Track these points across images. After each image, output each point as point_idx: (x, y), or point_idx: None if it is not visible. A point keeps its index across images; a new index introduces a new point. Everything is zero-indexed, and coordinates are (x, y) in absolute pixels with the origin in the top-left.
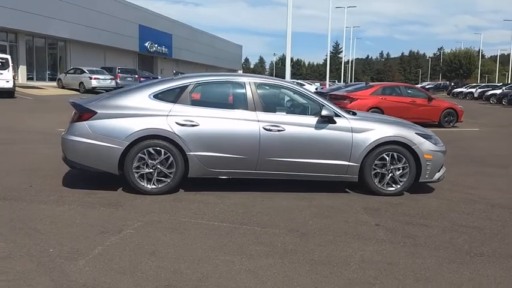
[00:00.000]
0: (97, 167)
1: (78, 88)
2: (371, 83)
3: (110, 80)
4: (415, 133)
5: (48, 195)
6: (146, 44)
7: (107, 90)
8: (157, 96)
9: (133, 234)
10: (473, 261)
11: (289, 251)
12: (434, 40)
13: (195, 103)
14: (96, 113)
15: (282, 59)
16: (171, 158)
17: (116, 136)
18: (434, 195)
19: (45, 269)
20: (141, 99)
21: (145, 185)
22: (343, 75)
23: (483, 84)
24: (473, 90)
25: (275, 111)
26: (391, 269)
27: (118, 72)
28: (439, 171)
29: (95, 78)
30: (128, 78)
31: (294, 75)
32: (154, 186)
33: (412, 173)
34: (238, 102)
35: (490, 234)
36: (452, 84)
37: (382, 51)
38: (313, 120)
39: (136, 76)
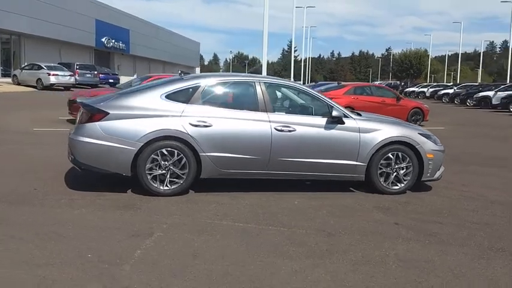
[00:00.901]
0: (109, 168)
1: (35, 85)
2: (343, 83)
3: (69, 77)
4: (418, 133)
5: (57, 199)
6: (103, 40)
7: (66, 88)
8: (169, 97)
9: (165, 237)
10: (499, 257)
11: (325, 252)
12: (382, 41)
13: (206, 104)
14: (108, 113)
15: (238, 57)
16: (184, 159)
17: (128, 137)
18: (434, 193)
19: (93, 276)
20: (153, 99)
21: (158, 186)
22: (303, 74)
23: (434, 84)
24: (425, 89)
25: (284, 112)
26: (429, 267)
27: (76, 68)
28: (438, 169)
29: (53, 75)
30: (87, 75)
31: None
32: (167, 188)
33: (415, 172)
34: (250, 103)
35: (502, 230)
36: (403, 83)
37: (333, 51)
38: (322, 120)
39: (96, 72)
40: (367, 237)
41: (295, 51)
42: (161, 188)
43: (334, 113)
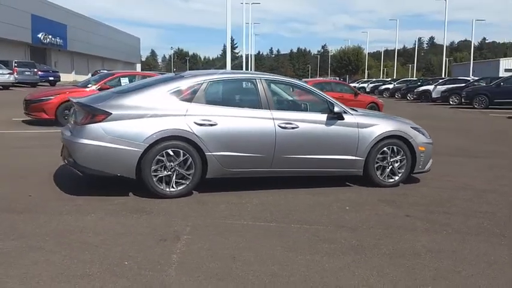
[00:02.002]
0: (112, 171)
1: None
2: (305, 79)
3: (8, 75)
4: (410, 127)
5: (61, 205)
6: (39, 35)
7: (4, 87)
8: (172, 96)
9: (194, 240)
10: None
11: (357, 247)
12: (317, 38)
13: (210, 102)
14: (111, 114)
15: (178, 53)
16: (190, 159)
17: (133, 138)
18: (424, 185)
19: (143, 284)
20: (156, 98)
21: (164, 188)
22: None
23: (374, 80)
24: (365, 85)
25: (286, 109)
26: (460, 257)
27: (15, 66)
28: (428, 162)
29: None
30: (27, 73)
31: (191, 70)
32: (173, 189)
33: (409, 164)
34: (252, 100)
35: (505, 218)
36: (342, 79)
37: (271, 48)
38: (323, 117)
39: (35, 70)
40: (388, 230)
41: (235, 47)
42: (167, 189)
43: (336, 109)
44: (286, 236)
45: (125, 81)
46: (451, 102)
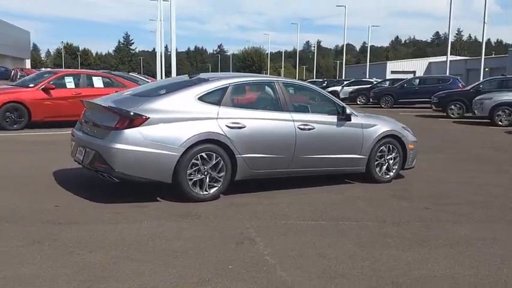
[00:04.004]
0: (150, 177)
1: None
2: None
3: None
4: (401, 127)
5: (101, 214)
6: None
7: None
8: (202, 99)
9: (268, 240)
10: None
11: (415, 240)
12: (213, 37)
13: (236, 105)
14: (149, 118)
15: (67, 48)
16: (222, 162)
17: (171, 142)
18: (413, 180)
19: (264, 286)
20: (188, 102)
21: (199, 192)
22: (161, 68)
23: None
24: None
25: (301, 111)
26: (501, 244)
27: None
28: (415, 158)
29: None
30: None
31: (82, 66)
32: (206, 193)
33: (401, 161)
34: (274, 103)
35: (504, 206)
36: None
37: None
38: (334, 118)
39: None
40: (424, 222)
41: (131, 43)
42: (201, 193)
43: (348, 111)
44: (346, 233)
45: (69, 80)
46: (358, 102)
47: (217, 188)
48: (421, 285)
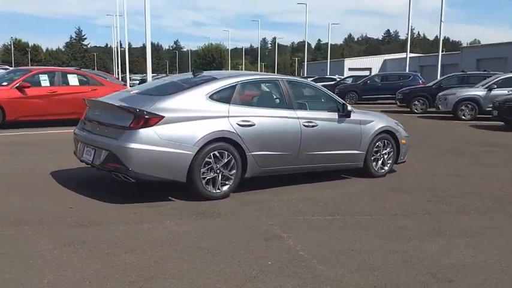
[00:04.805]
0: (166, 176)
1: None
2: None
3: None
4: (394, 122)
5: (121, 214)
6: None
7: None
8: (212, 97)
9: (295, 237)
10: None
11: (431, 231)
12: (168, 33)
13: (244, 103)
14: (164, 117)
15: (16, 44)
16: (233, 160)
17: (186, 141)
18: (405, 174)
19: (320, 283)
20: (199, 100)
21: (211, 190)
22: (118, 65)
23: None
24: None
25: (304, 108)
26: (511, 233)
27: None
28: (406, 153)
29: None
30: None
31: (32, 62)
32: (219, 191)
33: (395, 156)
34: (279, 101)
35: (501, 197)
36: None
37: (120, 41)
38: (335, 115)
39: None
40: (431, 214)
41: (84, 39)
42: (214, 191)
43: (349, 108)
44: (365, 227)
45: (44, 78)
46: None
47: (228, 186)
48: (454, 274)
